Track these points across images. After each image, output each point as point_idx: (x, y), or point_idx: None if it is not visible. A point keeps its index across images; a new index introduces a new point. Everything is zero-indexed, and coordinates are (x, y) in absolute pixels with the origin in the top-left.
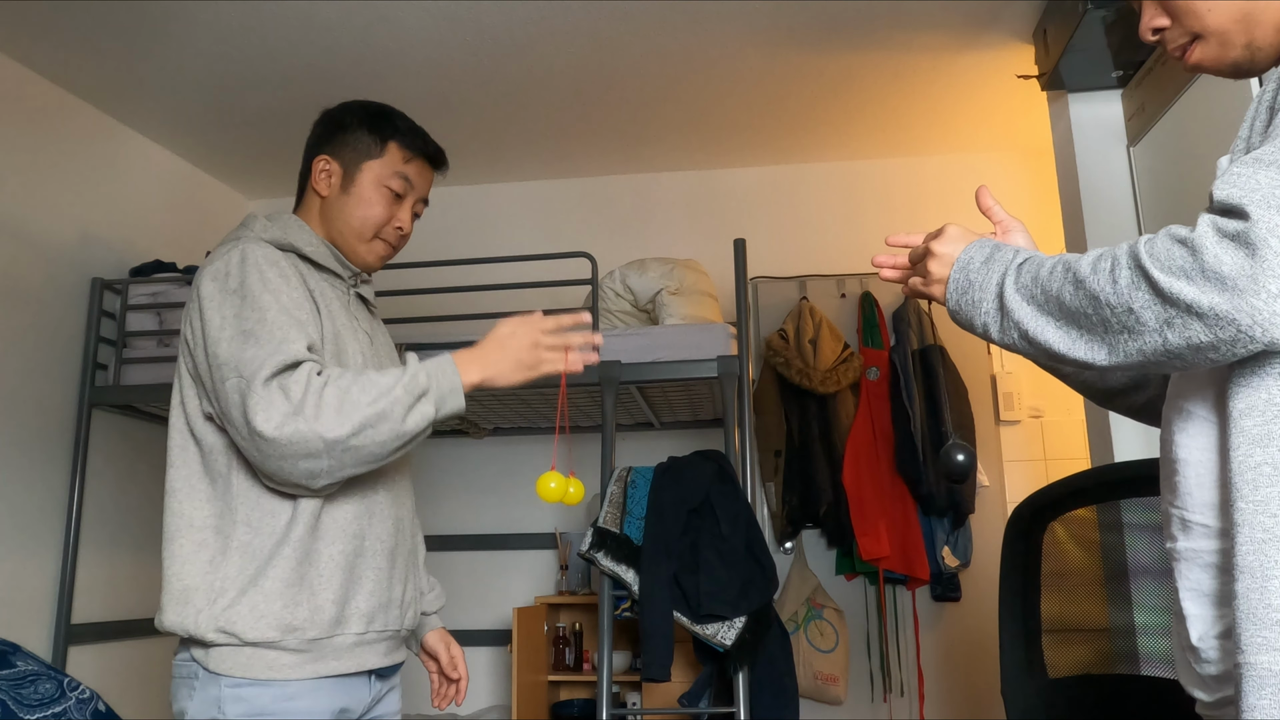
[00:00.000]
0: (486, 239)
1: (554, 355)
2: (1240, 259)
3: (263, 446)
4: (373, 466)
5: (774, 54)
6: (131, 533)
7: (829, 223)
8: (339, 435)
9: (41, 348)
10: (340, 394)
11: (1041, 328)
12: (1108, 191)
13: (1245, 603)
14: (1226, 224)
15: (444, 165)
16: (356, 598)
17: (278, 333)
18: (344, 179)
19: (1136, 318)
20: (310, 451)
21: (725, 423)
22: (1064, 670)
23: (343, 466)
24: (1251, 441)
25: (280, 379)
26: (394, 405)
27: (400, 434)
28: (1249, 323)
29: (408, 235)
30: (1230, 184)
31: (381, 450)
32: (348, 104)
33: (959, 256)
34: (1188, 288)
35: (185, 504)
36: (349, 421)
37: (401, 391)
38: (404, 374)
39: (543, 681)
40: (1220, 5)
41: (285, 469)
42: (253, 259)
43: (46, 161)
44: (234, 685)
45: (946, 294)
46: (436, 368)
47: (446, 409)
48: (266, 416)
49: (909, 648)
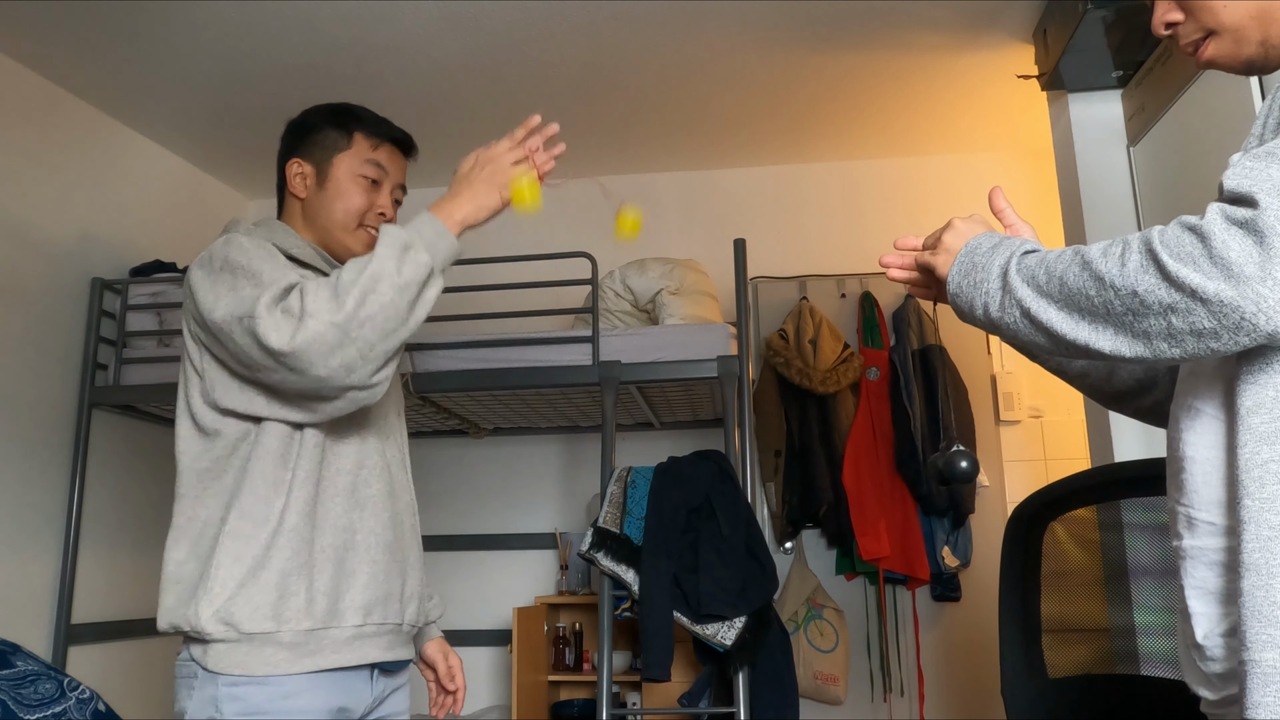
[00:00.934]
0: (486, 239)
1: (522, 165)
2: (1248, 246)
3: (290, 361)
4: (404, 333)
5: (774, 54)
6: (131, 533)
7: (829, 223)
8: (345, 314)
9: (41, 348)
10: (330, 285)
11: (1043, 307)
12: (1108, 191)
13: (1251, 600)
14: (1235, 212)
15: (413, 150)
16: (351, 590)
17: (268, 274)
18: (318, 176)
19: (1141, 300)
20: (330, 343)
21: (725, 423)
22: (1064, 670)
23: (370, 345)
24: (1259, 439)
25: (280, 303)
26: (382, 264)
27: (401, 285)
28: (1253, 310)
29: (392, 221)
30: (1241, 174)
31: (395, 310)
32: (308, 109)
33: (970, 239)
34: (1194, 274)
35: (193, 506)
36: (347, 298)
37: (383, 250)
38: (380, 240)
39: (543, 681)
40: (1236, 2)
41: (320, 375)
42: (236, 241)
43: (46, 161)
44: (231, 684)
45: (950, 273)
46: (415, 222)
47: (441, 253)
48: (278, 335)
49: (909, 648)
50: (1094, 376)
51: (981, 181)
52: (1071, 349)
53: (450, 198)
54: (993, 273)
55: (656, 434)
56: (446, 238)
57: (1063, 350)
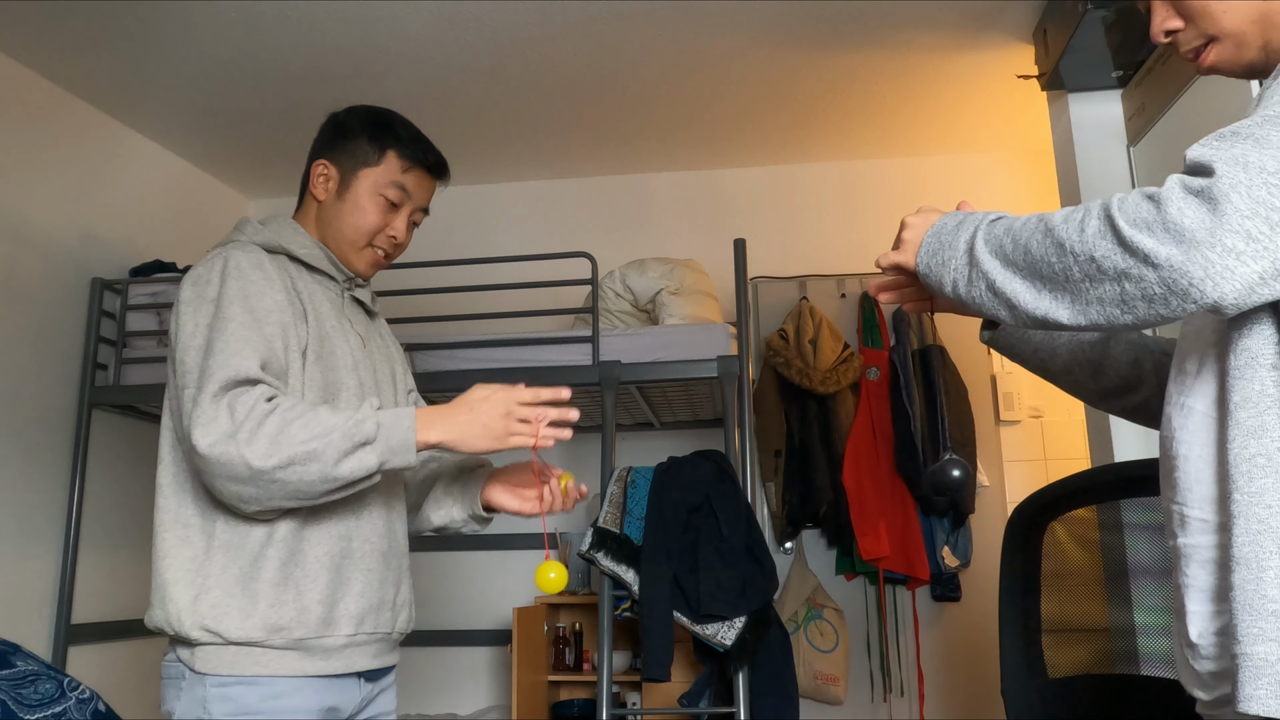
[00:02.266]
0: (486, 239)
1: (525, 428)
2: (1202, 213)
3: (196, 461)
4: (308, 503)
5: (774, 54)
6: (131, 533)
7: (829, 223)
8: (264, 466)
9: (41, 348)
10: (281, 425)
11: (1007, 280)
12: (1108, 191)
13: (1241, 594)
14: (1192, 181)
15: (445, 175)
16: (345, 599)
17: (233, 345)
18: (340, 185)
19: (1097, 265)
20: (236, 476)
21: (725, 423)
22: (1064, 670)
23: (271, 497)
24: (1246, 433)
25: (231, 396)
26: (327, 448)
27: (330, 477)
28: (1200, 275)
29: (403, 245)
30: (1203, 146)
31: (311, 490)
32: (353, 108)
33: (934, 223)
34: (1148, 239)
35: (172, 501)
36: (278, 454)
37: (338, 436)
38: (351, 418)
39: (543, 681)
40: (1237, 6)
41: (217, 487)
42: (234, 265)
43: (46, 161)
44: (220, 684)
45: (918, 258)
46: (393, 420)
47: (393, 463)
48: (204, 432)
49: (909, 648)
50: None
51: (981, 181)
52: (1031, 320)
53: (445, 415)
54: (959, 248)
55: (656, 434)
56: (407, 452)
57: (1022, 321)
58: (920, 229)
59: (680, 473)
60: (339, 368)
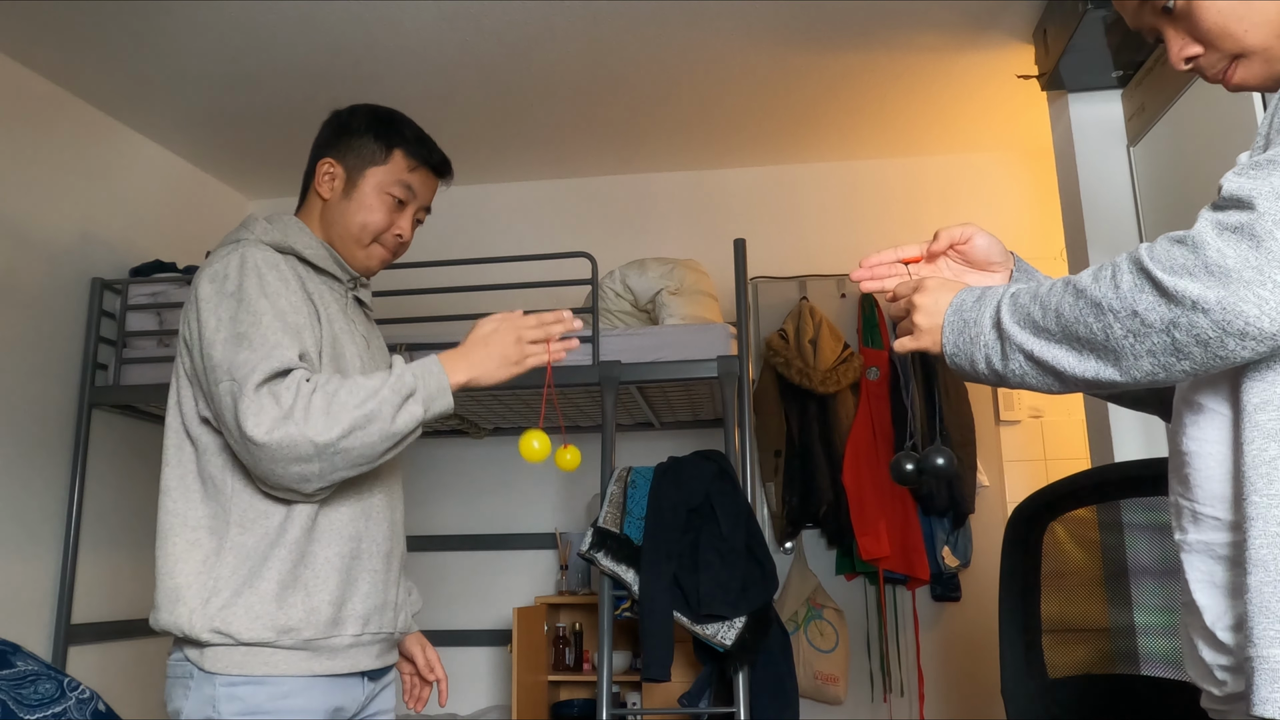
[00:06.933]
0: (486, 239)
1: (538, 348)
2: (1244, 250)
3: (254, 451)
4: (364, 468)
5: (774, 54)
6: (131, 533)
7: (829, 223)
8: (329, 438)
9: (41, 348)
10: (328, 398)
11: (1046, 348)
12: (1108, 191)
13: (1258, 596)
14: (1229, 217)
15: (449, 175)
16: (353, 600)
17: (271, 338)
18: (346, 183)
19: (1141, 320)
20: (301, 455)
21: (725, 423)
22: (1064, 670)
23: (334, 469)
24: (1266, 436)
25: (271, 385)
26: (382, 406)
27: (390, 434)
28: (1256, 313)
29: (407, 243)
30: (1241, 177)
31: (372, 451)
32: (356, 107)
33: (952, 301)
34: (1191, 284)
35: (179, 503)
36: (338, 424)
37: (389, 392)
38: (390, 376)
39: (543, 681)
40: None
41: (277, 473)
42: (251, 262)
43: (46, 161)
44: (229, 684)
45: (942, 340)
46: (423, 369)
47: (435, 409)
48: (257, 421)
49: (909, 648)
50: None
51: (982, 181)
52: (1083, 384)
53: (462, 355)
54: (985, 324)
55: (656, 434)
56: (445, 395)
57: (1076, 387)
58: (934, 312)
59: (680, 473)
60: (349, 369)
